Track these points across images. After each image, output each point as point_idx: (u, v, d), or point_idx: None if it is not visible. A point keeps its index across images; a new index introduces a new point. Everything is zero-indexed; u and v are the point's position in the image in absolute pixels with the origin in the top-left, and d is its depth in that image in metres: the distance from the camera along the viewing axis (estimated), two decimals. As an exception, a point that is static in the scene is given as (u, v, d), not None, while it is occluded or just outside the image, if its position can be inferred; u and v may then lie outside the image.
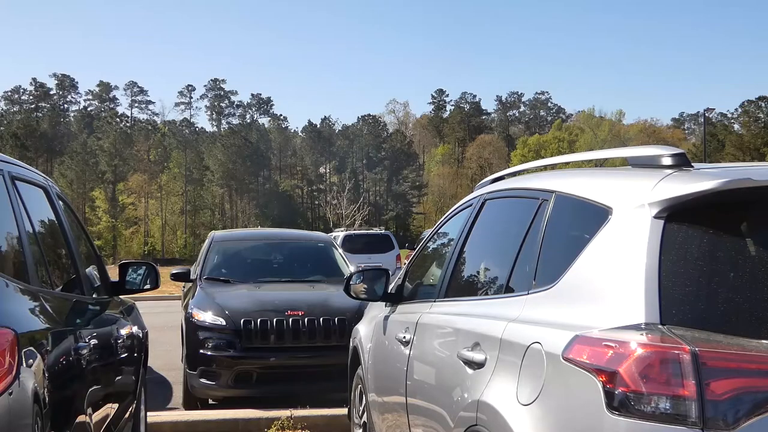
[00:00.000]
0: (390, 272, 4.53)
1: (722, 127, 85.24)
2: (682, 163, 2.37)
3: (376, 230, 29.15)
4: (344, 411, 5.56)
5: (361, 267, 5.91)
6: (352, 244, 21.63)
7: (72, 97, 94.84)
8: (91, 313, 3.79)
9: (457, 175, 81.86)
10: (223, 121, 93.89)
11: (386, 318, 4.32)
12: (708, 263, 2.05)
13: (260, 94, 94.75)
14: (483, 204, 3.53)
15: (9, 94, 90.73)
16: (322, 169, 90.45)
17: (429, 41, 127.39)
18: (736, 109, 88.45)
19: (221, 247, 8.95)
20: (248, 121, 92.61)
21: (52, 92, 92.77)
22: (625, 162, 2.69)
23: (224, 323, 6.92)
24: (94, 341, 3.36)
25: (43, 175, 3.73)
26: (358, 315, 5.98)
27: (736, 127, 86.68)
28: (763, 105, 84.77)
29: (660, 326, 1.97)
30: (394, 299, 4.30)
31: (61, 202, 3.84)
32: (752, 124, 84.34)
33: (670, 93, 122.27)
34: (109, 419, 3.73)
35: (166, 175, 75.83)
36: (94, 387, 3.36)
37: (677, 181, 2.20)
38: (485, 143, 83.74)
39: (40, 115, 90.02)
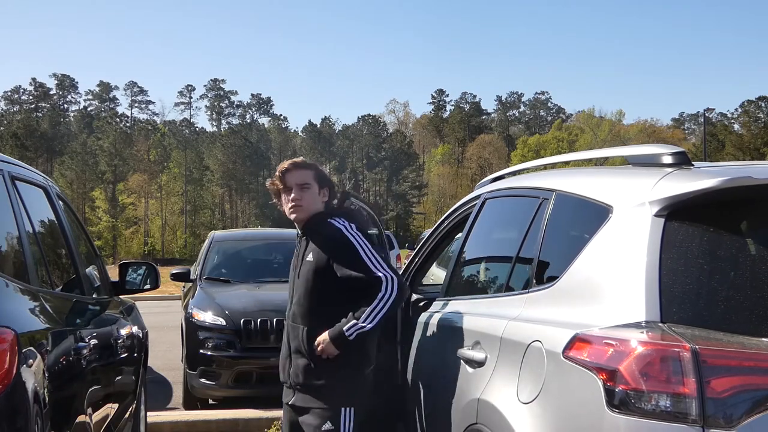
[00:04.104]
0: None
1: (722, 127, 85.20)
2: (682, 161, 2.37)
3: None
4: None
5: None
6: (352, 244, 21.55)
7: (72, 97, 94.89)
8: (91, 313, 3.79)
9: (457, 175, 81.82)
10: (223, 121, 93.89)
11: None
12: (708, 261, 2.05)
13: (260, 94, 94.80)
14: (483, 203, 3.53)
15: (9, 94, 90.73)
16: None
17: (429, 41, 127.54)
18: (736, 109, 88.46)
19: (221, 247, 8.96)
20: (248, 121, 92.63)
21: (52, 92, 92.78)
22: (626, 161, 2.70)
23: (224, 323, 6.92)
24: (94, 341, 3.36)
25: (43, 175, 3.73)
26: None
27: (736, 127, 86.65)
28: (763, 105, 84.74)
29: (660, 324, 1.97)
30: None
31: (61, 202, 3.84)
32: (752, 124, 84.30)
33: (670, 93, 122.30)
34: (109, 419, 3.73)
35: (166, 175, 75.78)
36: (94, 387, 3.36)
37: (678, 180, 2.20)
38: (485, 143, 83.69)
39: (40, 115, 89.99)
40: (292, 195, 3.33)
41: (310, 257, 3.28)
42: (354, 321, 3.11)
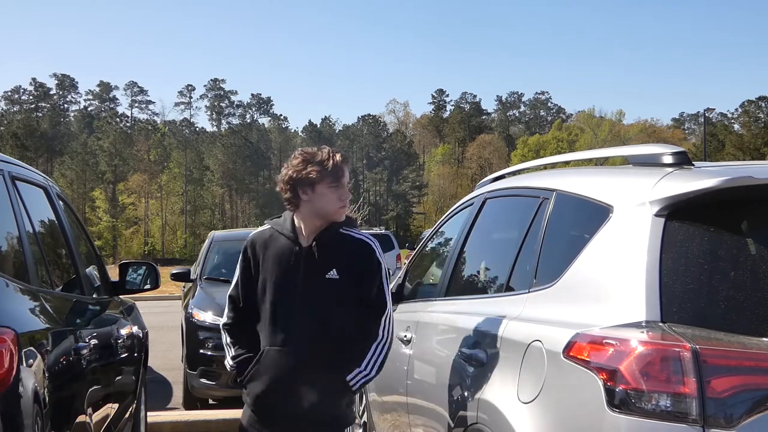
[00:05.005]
0: (390, 272, 4.52)
1: (722, 127, 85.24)
2: (682, 161, 2.36)
3: (376, 230, 29.13)
4: (344, 410, 5.55)
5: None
6: (352, 244, 21.58)
7: (72, 97, 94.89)
8: (91, 313, 3.79)
9: (457, 175, 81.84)
10: (223, 121, 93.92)
11: (386, 317, 4.31)
12: (709, 261, 2.05)
13: (260, 94, 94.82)
14: (483, 203, 3.53)
15: (9, 94, 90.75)
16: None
17: (429, 41, 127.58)
18: (736, 109, 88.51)
19: (221, 247, 8.96)
20: (248, 121, 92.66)
21: (52, 92, 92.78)
22: (626, 161, 2.69)
23: (224, 323, 6.92)
24: (94, 341, 3.36)
25: (43, 175, 3.73)
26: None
27: (736, 127, 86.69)
28: (763, 105, 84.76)
29: (661, 324, 1.97)
30: (395, 298, 4.29)
31: (61, 202, 3.84)
32: (752, 124, 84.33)
33: (670, 93, 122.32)
34: (109, 419, 3.72)
35: (166, 175, 75.82)
36: (94, 387, 3.36)
37: (678, 180, 2.20)
38: (485, 143, 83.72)
39: (40, 115, 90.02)
40: (343, 193, 2.88)
41: (333, 273, 2.85)
42: (358, 369, 2.84)
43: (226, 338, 3.07)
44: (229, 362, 3.08)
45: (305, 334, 2.84)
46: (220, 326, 3.12)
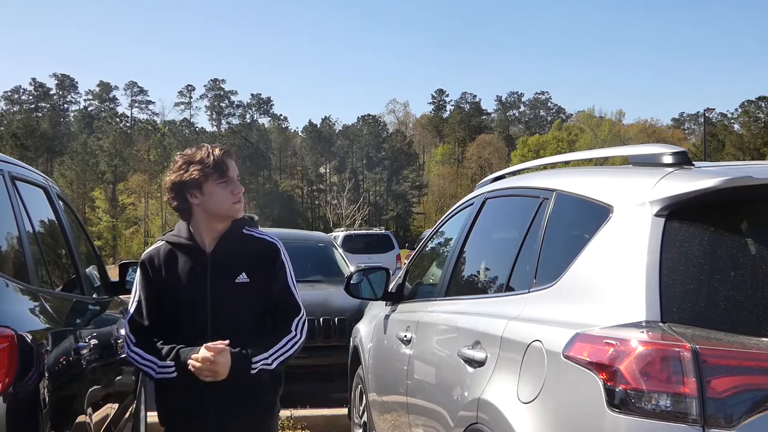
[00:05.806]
0: (390, 272, 4.53)
1: (722, 127, 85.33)
2: (683, 161, 2.36)
3: (376, 230, 29.16)
4: (344, 411, 5.57)
5: (361, 266, 5.91)
6: (352, 244, 21.69)
7: (72, 97, 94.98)
8: (91, 313, 3.79)
9: (457, 175, 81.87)
10: (223, 121, 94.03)
11: (387, 317, 4.32)
12: (709, 261, 2.05)
13: (260, 94, 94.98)
14: (484, 203, 3.53)
15: (9, 94, 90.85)
16: (322, 169, 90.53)
17: (429, 41, 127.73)
18: (736, 109, 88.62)
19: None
20: (248, 121, 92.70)
21: (52, 92, 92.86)
22: (626, 161, 2.69)
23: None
24: (94, 341, 3.36)
25: (43, 175, 3.73)
26: (358, 314, 5.97)
27: (736, 127, 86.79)
28: (763, 105, 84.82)
29: (661, 324, 1.97)
30: (395, 298, 4.30)
31: (61, 202, 3.84)
32: (752, 124, 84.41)
33: (670, 93, 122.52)
34: (109, 419, 3.72)
35: (166, 175, 75.93)
36: (94, 387, 3.35)
37: (678, 180, 2.19)
38: (485, 143, 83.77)
39: (40, 115, 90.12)
40: (235, 188, 2.74)
41: (243, 277, 2.70)
42: (262, 355, 2.67)
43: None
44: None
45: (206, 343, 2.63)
46: (126, 355, 2.82)
